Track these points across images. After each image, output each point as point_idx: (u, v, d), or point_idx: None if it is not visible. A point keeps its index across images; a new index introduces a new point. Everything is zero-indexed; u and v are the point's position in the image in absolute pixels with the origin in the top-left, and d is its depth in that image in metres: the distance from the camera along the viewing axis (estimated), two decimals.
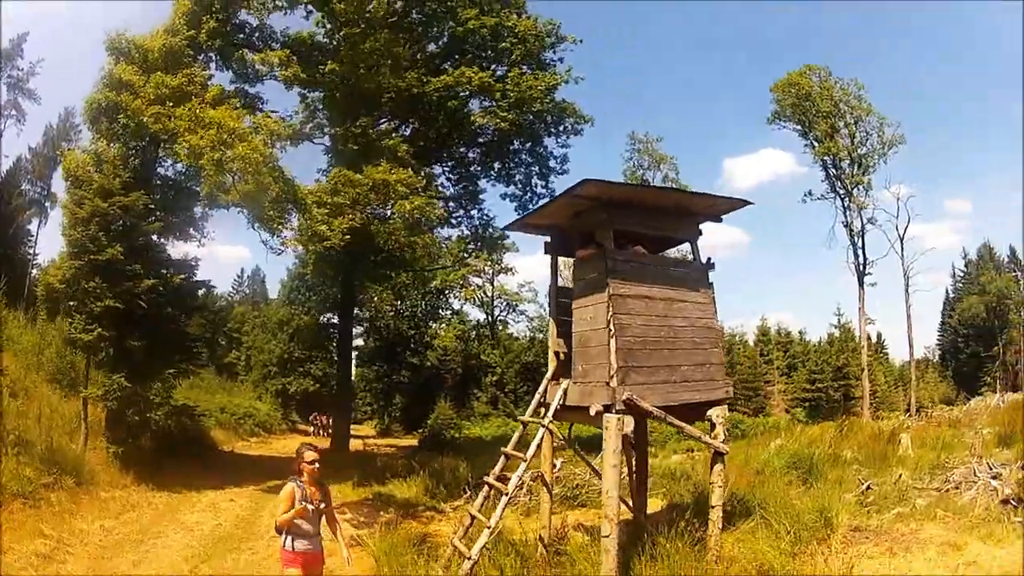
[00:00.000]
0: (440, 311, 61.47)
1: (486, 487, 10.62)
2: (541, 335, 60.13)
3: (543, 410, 10.79)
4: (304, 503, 7.60)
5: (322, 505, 7.86)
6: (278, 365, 55.70)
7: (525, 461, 9.93)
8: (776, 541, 9.97)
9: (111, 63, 20.31)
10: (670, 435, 33.60)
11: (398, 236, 25.76)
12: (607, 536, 8.65)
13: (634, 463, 11.86)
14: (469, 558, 9.09)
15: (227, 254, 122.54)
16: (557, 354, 11.12)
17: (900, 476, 14.80)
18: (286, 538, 7.71)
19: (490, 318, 67.03)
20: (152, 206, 21.04)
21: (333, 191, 20.56)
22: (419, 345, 57.60)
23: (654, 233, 10.68)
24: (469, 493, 16.20)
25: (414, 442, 39.30)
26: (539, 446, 10.42)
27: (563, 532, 12.15)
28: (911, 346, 55.18)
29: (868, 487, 13.97)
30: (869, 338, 61.06)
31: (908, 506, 12.43)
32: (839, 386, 70.41)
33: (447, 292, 59.17)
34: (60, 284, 19.89)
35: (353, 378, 51.78)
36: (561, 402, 10.22)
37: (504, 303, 67.60)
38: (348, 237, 20.34)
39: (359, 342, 57.31)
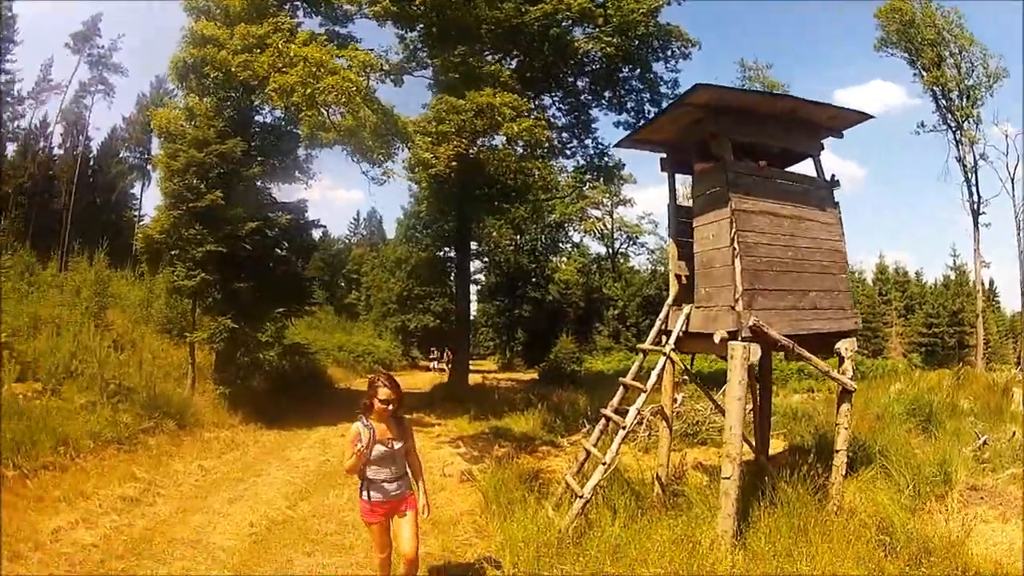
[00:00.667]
0: (560, 244, 60.66)
1: (603, 420, 10.04)
2: (662, 268, 58.37)
3: (664, 338, 9.96)
4: (365, 446, 6.36)
5: (395, 445, 6.51)
6: (397, 303, 56.07)
7: (645, 392, 9.27)
8: (896, 494, 9.34)
9: (191, 22, 20.15)
10: (791, 373, 32.54)
11: (509, 163, 24.81)
12: (727, 477, 7.94)
13: (757, 399, 10.88)
14: (581, 496, 8.54)
15: (342, 198, 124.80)
16: (679, 277, 10.25)
17: (1014, 434, 13.71)
18: (361, 487, 6.58)
19: (610, 251, 65.62)
20: (252, 152, 21.12)
21: (437, 119, 20.15)
22: (540, 279, 56.73)
23: (774, 145, 9.64)
24: (587, 427, 15.46)
25: (535, 376, 39.09)
26: (659, 377, 9.67)
27: (681, 471, 11.36)
28: None
29: (984, 442, 13.03)
30: (983, 283, 57.64)
31: (1022, 467, 11.51)
32: (954, 332, 67.27)
33: (566, 225, 58.85)
34: (159, 235, 19.95)
35: (474, 313, 52.53)
36: (683, 328, 9.42)
37: (624, 235, 65.99)
38: (454, 164, 20.11)
39: (480, 277, 57.54)
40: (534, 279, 56.51)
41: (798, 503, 8.18)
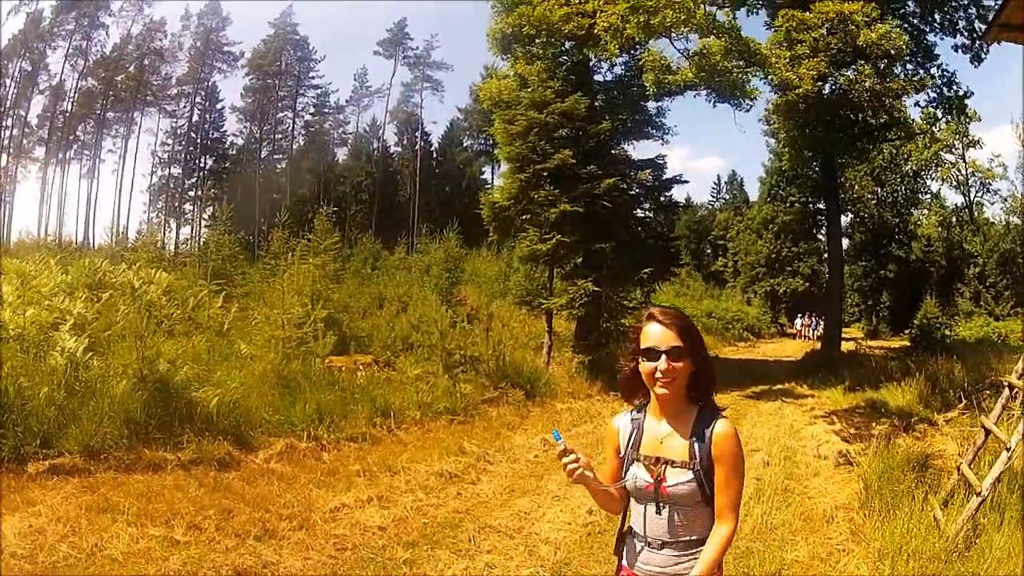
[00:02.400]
0: (919, 195, 55.65)
1: (1006, 390, 7.60)
2: (1016, 219, 52.89)
3: None
4: (614, 458, 3.15)
5: (670, 477, 2.88)
6: (766, 266, 54.30)
7: None
8: None
9: None
10: None
11: (871, 84, 22.11)
12: None
13: None
14: (979, 494, 6.39)
15: (701, 167, 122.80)
16: None
17: None
18: (618, 535, 3.27)
19: (967, 200, 58.88)
20: (598, 108, 20.63)
21: (788, 41, 18.76)
22: (903, 236, 52.37)
23: None
24: (965, 402, 13.31)
25: (897, 344, 35.77)
26: None
27: None
28: None
29: None
30: None
31: None
32: None
33: (923, 173, 54.32)
34: (506, 201, 19.72)
35: None
36: None
37: (977, 182, 58.80)
38: (819, 84, 19.02)
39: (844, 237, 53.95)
40: (898, 235, 52.13)
41: None
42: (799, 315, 47.35)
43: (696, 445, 2.85)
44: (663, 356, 2.78)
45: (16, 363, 8.10)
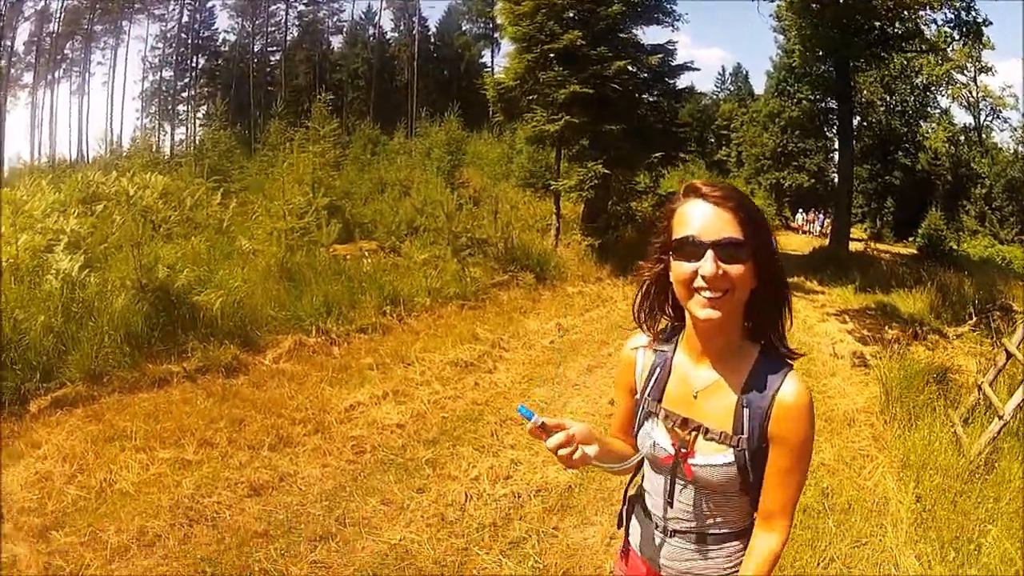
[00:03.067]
0: (928, 109, 55.06)
1: None
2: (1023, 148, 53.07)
3: None
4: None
5: (712, 464, 1.86)
6: (771, 159, 54.22)
7: None
8: None
9: None
10: None
11: None
12: None
13: None
14: (1001, 417, 6.13)
15: (705, 57, 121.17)
16: None
17: None
18: (623, 500, 2.25)
19: (976, 121, 58.75)
20: None
21: None
22: (910, 145, 52.71)
23: None
24: (975, 319, 13.35)
25: (904, 250, 36.71)
26: None
27: None
28: None
29: None
30: None
31: None
32: None
33: (933, 89, 53.91)
34: (512, 82, 19.24)
35: None
36: None
37: (988, 107, 58.36)
38: None
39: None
40: (905, 144, 52.46)
41: None
42: (800, 210, 48.39)
43: (747, 412, 1.83)
44: (710, 252, 1.71)
45: (10, 295, 7.65)
